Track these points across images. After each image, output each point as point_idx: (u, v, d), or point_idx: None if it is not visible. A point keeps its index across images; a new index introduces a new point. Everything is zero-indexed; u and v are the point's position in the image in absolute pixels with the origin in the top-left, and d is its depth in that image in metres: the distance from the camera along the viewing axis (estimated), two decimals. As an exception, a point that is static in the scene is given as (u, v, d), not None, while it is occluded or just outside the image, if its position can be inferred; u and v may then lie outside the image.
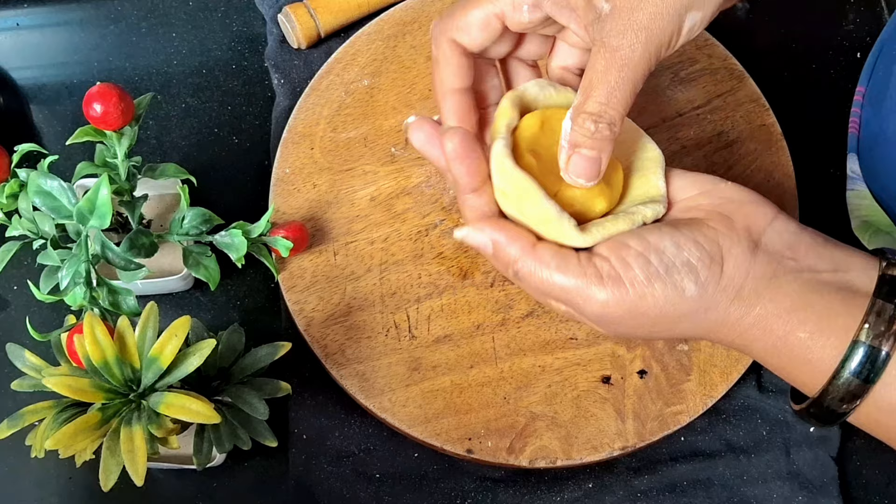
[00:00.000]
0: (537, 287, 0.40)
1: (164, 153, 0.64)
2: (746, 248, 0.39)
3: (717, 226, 0.40)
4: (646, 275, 0.38)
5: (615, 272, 0.38)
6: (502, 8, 0.41)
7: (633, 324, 0.40)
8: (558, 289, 0.39)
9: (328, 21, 0.64)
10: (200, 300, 0.61)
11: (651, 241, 0.39)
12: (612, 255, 0.39)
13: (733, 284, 0.39)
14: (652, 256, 0.39)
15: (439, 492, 0.56)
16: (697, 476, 0.56)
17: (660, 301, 0.38)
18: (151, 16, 0.68)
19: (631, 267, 0.38)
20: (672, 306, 0.39)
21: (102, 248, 0.48)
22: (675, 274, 0.38)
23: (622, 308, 0.39)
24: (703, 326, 0.40)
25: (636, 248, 0.39)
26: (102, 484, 0.44)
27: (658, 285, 0.38)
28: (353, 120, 0.61)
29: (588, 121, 0.40)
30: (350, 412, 0.57)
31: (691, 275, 0.38)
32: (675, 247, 0.39)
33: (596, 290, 0.38)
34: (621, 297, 0.38)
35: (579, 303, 0.39)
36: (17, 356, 0.49)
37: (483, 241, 0.40)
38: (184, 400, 0.45)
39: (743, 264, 0.39)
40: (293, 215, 0.59)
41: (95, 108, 0.48)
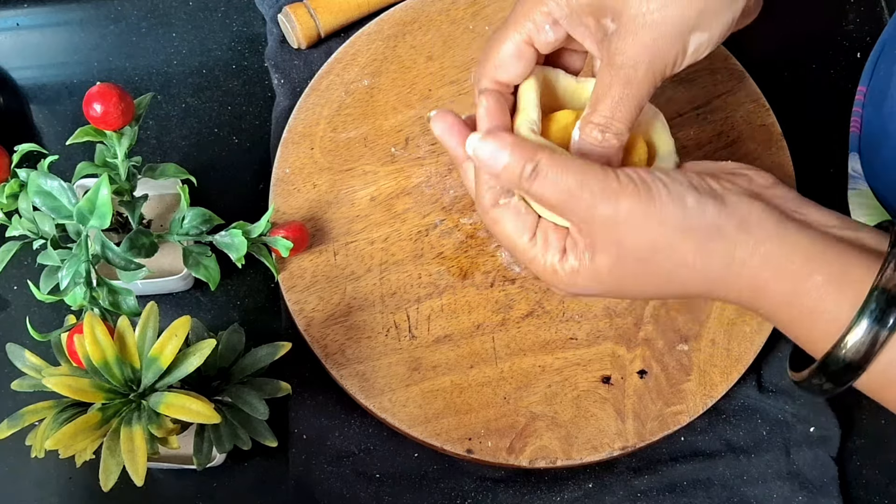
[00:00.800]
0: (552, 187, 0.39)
1: (164, 153, 0.64)
2: (743, 193, 0.39)
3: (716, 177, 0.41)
4: (653, 179, 0.39)
5: (628, 176, 0.39)
6: (528, 32, 0.43)
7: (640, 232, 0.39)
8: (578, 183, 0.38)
9: (328, 21, 0.64)
10: (200, 300, 0.61)
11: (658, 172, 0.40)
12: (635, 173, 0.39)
13: (737, 213, 0.38)
14: (658, 172, 0.39)
15: (439, 492, 0.56)
16: (697, 476, 0.56)
17: (664, 204, 0.38)
18: (151, 16, 0.68)
19: (641, 174, 0.39)
20: (675, 214, 0.38)
21: (102, 248, 0.48)
22: (679, 186, 0.39)
23: (631, 206, 0.38)
24: (712, 266, 0.39)
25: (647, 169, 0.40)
26: (102, 484, 0.44)
27: (664, 191, 0.38)
28: (353, 120, 0.61)
29: (595, 130, 0.41)
30: (350, 412, 0.57)
31: (692, 191, 0.39)
32: (682, 174, 0.40)
33: (612, 183, 0.38)
34: (632, 193, 0.38)
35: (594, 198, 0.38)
36: (17, 356, 0.49)
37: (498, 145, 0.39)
38: (184, 400, 0.45)
39: (743, 202, 0.39)
40: (293, 215, 0.59)
41: (95, 108, 0.48)
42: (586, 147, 0.42)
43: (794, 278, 0.38)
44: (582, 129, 0.42)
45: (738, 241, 0.38)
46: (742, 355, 0.55)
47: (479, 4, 0.64)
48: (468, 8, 0.64)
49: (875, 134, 0.56)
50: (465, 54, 0.63)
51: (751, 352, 0.56)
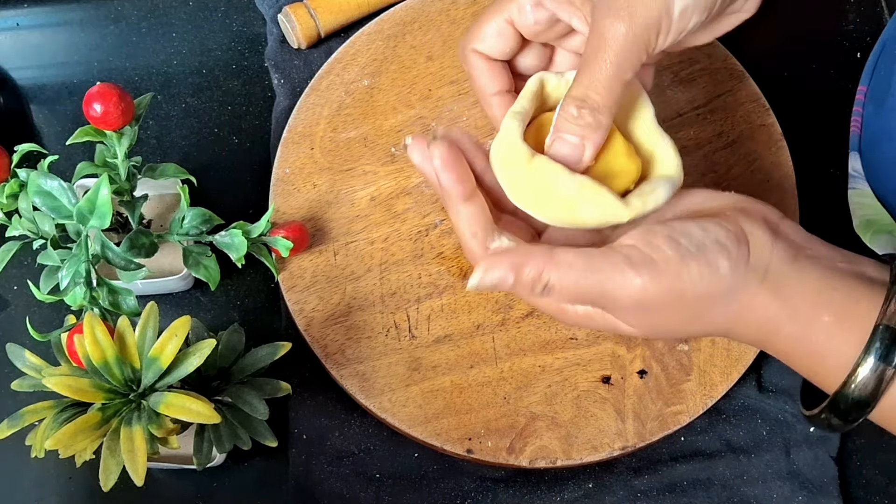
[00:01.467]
0: (570, 290, 0.38)
1: (164, 153, 0.64)
2: (767, 230, 0.39)
3: (736, 215, 0.40)
4: (679, 254, 0.37)
5: (646, 256, 0.37)
6: (510, 13, 0.43)
7: (671, 311, 0.38)
8: (594, 286, 0.37)
9: (328, 21, 0.64)
10: (200, 300, 0.61)
11: (675, 226, 0.38)
12: (639, 241, 0.38)
13: (761, 263, 0.38)
14: (681, 238, 0.38)
15: (439, 492, 0.56)
16: (697, 476, 0.56)
17: (696, 279, 0.37)
18: (151, 16, 0.68)
19: (662, 248, 0.37)
20: (708, 285, 0.38)
21: (102, 248, 0.48)
22: (708, 253, 0.38)
23: (660, 291, 0.37)
24: (733, 312, 0.39)
25: (662, 232, 0.38)
26: (102, 484, 0.44)
27: (693, 264, 0.37)
28: (353, 120, 0.61)
29: (571, 106, 0.39)
30: (350, 412, 0.57)
31: (723, 252, 0.38)
32: (701, 229, 0.38)
33: (631, 275, 0.37)
34: (658, 278, 0.37)
35: (616, 295, 0.38)
36: (17, 356, 0.49)
37: (500, 274, 0.38)
38: (184, 400, 0.45)
39: (766, 244, 0.39)
40: (293, 215, 0.59)
41: (95, 108, 0.48)
42: (561, 124, 0.40)
43: (805, 319, 0.38)
44: (560, 108, 0.40)
45: (759, 291, 0.39)
46: (742, 355, 0.55)
47: (480, 4, 0.64)
48: (468, 8, 0.64)
49: (876, 133, 0.56)
50: (465, 54, 0.63)
51: (751, 352, 0.56)
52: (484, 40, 0.45)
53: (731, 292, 0.38)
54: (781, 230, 0.40)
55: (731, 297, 0.38)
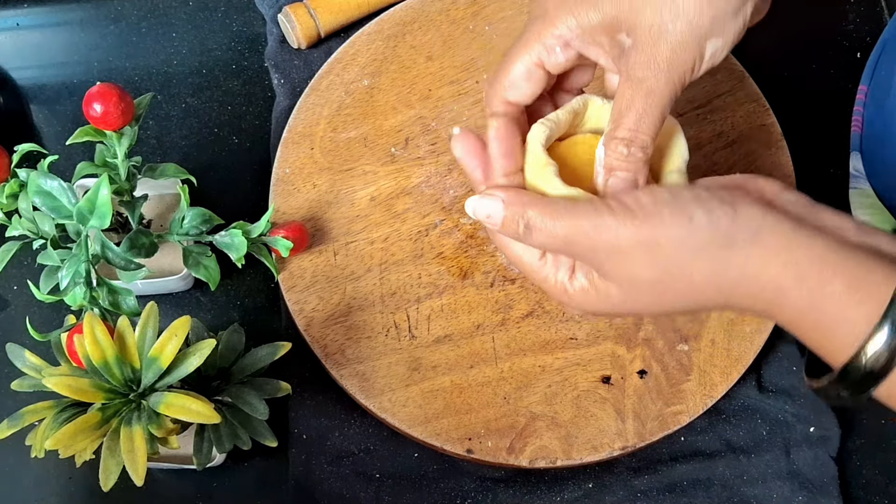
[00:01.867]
0: (549, 233, 0.39)
1: (164, 153, 0.64)
2: (757, 202, 0.39)
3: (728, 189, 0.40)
4: (653, 201, 0.38)
5: (624, 204, 0.39)
6: (539, 55, 0.43)
7: (649, 260, 0.38)
8: (570, 227, 0.39)
9: (328, 21, 0.64)
10: (200, 300, 0.61)
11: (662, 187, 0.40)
12: (625, 196, 0.39)
13: (749, 225, 0.38)
14: (661, 192, 0.39)
15: (439, 492, 0.56)
16: (697, 476, 0.56)
17: (668, 224, 0.38)
18: (151, 16, 0.68)
19: (640, 199, 0.39)
20: (682, 233, 0.38)
21: (102, 248, 0.48)
22: (685, 203, 0.38)
23: (632, 233, 0.38)
24: (727, 276, 0.38)
25: (647, 188, 0.40)
26: (102, 484, 0.44)
27: (665, 210, 0.38)
28: (353, 120, 0.61)
29: (621, 146, 0.41)
30: (350, 412, 0.57)
31: (699, 204, 0.38)
32: (685, 188, 0.39)
33: (606, 218, 0.38)
34: (630, 221, 0.38)
35: (591, 236, 0.38)
36: (17, 356, 0.49)
37: (493, 204, 0.40)
38: (184, 400, 0.45)
39: (757, 212, 0.38)
40: (293, 215, 0.59)
41: (95, 108, 0.48)
42: (613, 164, 0.41)
43: (812, 286, 0.37)
44: (607, 145, 0.42)
45: (751, 253, 0.38)
46: (742, 355, 0.55)
47: (479, 4, 0.64)
48: (468, 8, 0.64)
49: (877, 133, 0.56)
50: (465, 54, 0.63)
51: (751, 352, 0.56)
52: (515, 87, 0.43)
53: (713, 245, 0.38)
54: (778, 203, 0.40)
55: (718, 253, 0.38)
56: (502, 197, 0.40)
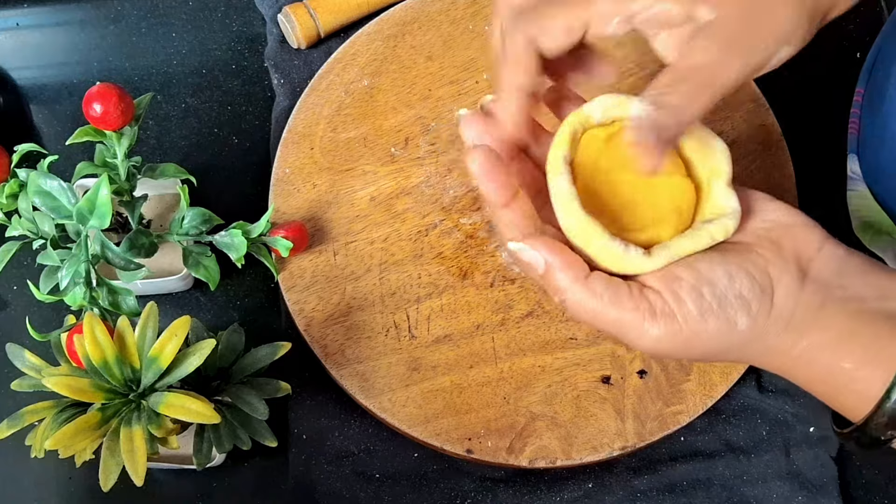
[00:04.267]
0: (586, 317, 0.39)
1: (164, 153, 0.64)
2: (795, 276, 0.39)
3: (766, 253, 0.39)
4: (699, 310, 0.38)
5: (668, 308, 0.38)
6: (590, 17, 0.39)
7: (683, 355, 0.39)
8: (610, 322, 0.38)
9: (328, 21, 0.64)
10: (200, 300, 0.61)
11: (702, 271, 0.38)
12: (665, 288, 0.38)
13: (783, 315, 0.39)
14: (705, 289, 0.38)
15: (439, 492, 0.56)
16: (697, 476, 0.56)
17: (713, 336, 0.38)
18: (151, 16, 0.68)
19: (684, 302, 0.38)
20: (724, 339, 0.38)
21: (102, 248, 0.48)
22: (729, 308, 0.38)
23: (675, 343, 0.38)
24: (750, 355, 0.40)
25: (688, 280, 0.38)
26: (102, 484, 0.44)
27: (711, 321, 0.38)
28: (353, 120, 0.61)
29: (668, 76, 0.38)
30: (350, 412, 0.57)
31: (744, 308, 0.38)
32: (727, 278, 0.38)
33: (649, 325, 0.38)
34: (674, 333, 0.38)
35: (632, 337, 0.38)
36: (17, 356, 0.49)
37: (536, 259, 0.38)
38: (184, 400, 0.45)
39: (792, 293, 0.39)
40: (293, 215, 0.59)
41: (95, 108, 0.48)
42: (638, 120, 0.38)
43: (828, 362, 0.39)
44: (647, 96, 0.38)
45: (779, 339, 0.39)
46: (742, 355, 0.56)
47: (479, 4, 0.64)
48: (468, 8, 0.64)
49: (873, 136, 0.56)
50: (465, 54, 0.63)
51: (751, 352, 0.56)
52: (550, 33, 0.40)
53: (748, 343, 0.39)
54: (812, 270, 0.39)
55: (749, 345, 0.39)
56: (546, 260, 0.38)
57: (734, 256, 0.39)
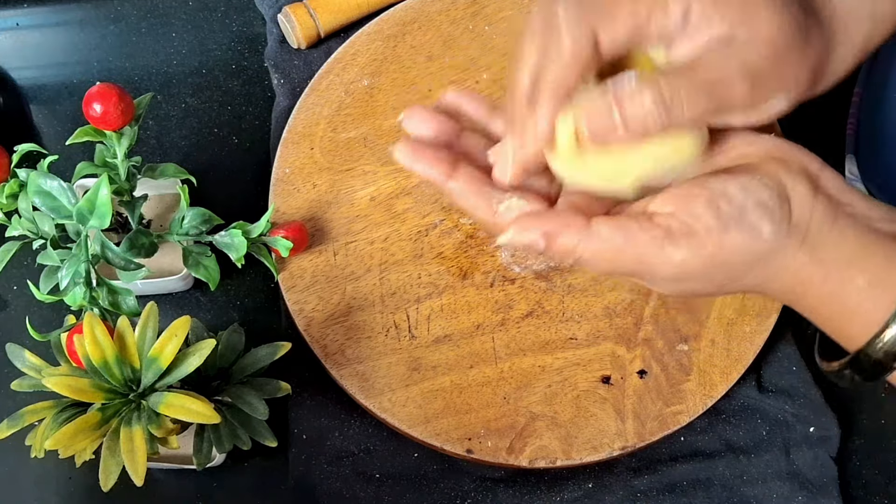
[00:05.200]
0: (606, 265, 0.38)
1: (164, 153, 0.64)
2: (808, 186, 0.38)
3: (775, 167, 0.38)
4: (721, 222, 0.36)
5: (687, 226, 0.37)
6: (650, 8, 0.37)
7: (705, 278, 0.38)
8: (630, 259, 0.37)
9: (328, 21, 0.64)
10: (200, 300, 0.61)
11: (716, 187, 0.37)
12: (679, 208, 0.37)
13: (802, 223, 0.37)
14: (721, 202, 0.37)
15: (439, 492, 0.56)
16: (697, 476, 0.56)
17: (738, 246, 0.37)
18: (151, 16, 0.68)
19: (702, 216, 0.37)
20: (749, 251, 0.37)
21: (102, 248, 0.48)
22: (751, 215, 0.37)
23: (700, 261, 0.37)
24: (770, 273, 0.38)
25: (703, 195, 0.37)
26: (102, 484, 0.44)
27: (734, 231, 0.36)
28: (353, 120, 0.61)
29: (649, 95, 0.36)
30: (350, 412, 0.57)
31: (766, 215, 0.37)
32: (741, 189, 0.37)
33: (671, 248, 0.36)
34: (698, 249, 0.36)
35: (656, 267, 0.37)
36: (17, 356, 0.49)
37: (532, 237, 0.37)
38: (184, 400, 0.45)
39: (807, 203, 0.38)
40: (293, 215, 0.59)
41: (95, 108, 0.48)
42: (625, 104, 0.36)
43: (837, 281, 0.38)
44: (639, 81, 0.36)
45: (798, 253, 0.38)
46: (742, 355, 0.55)
47: (479, 4, 0.64)
48: (468, 8, 0.64)
49: (871, 137, 0.56)
50: (465, 54, 0.63)
51: (751, 352, 0.56)
52: (614, 20, 0.36)
53: (772, 254, 0.38)
54: (822, 183, 0.39)
55: (772, 258, 0.38)
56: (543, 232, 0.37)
57: (745, 172, 0.38)
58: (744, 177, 0.38)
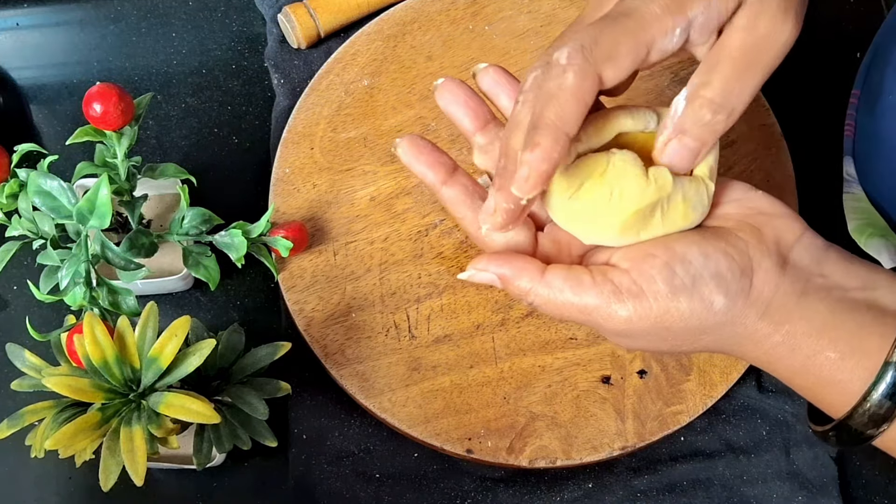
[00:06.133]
0: (555, 312, 0.38)
1: (164, 153, 0.64)
2: (776, 262, 0.38)
3: (747, 237, 0.38)
4: (670, 288, 0.37)
5: (636, 286, 0.37)
6: (653, 34, 0.36)
7: (656, 338, 0.38)
8: (577, 311, 0.38)
9: (328, 21, 0.64)
10: (200, 300, 0.61)
11: (677, 250, 0.37)
12: (634, 267, 0.37)
13: (762, 299, 0.37)
14: (678, 267, 0.37)
15: (439, 492, 0.56)
16: (697, 476, 0.56)
17: (685, 315, 0.37)
18: (151, 16, 0.68)
19: (654, 280, 0.37)
20: (698, 320, 0.37)
21: (102, 248, 0.48)
22: (703, 287, 0.37)
23: (646, 323, 0.37)
24: (728, 341, 0.39)
25: (661, 257, 0.37)
26: (102, 484, 0.44)
27: (684, 299, 0.37)
28: (353, 120, 0.61)
29: (706, 108, 0.37)
30: (350, 412, 0.57)
31: (720, 287, 0.37)
32: (702, 257, 0.37)
33: (616, 307, 0.37)
34: (644, 312, 0.37)
35: (601, 322, 0.38)
36: (17, 356, 0.49)
37: (489, 277, 0.39)
38: (184, 400, 0.45)
39: (773, 278, 0.37)
40: (293, 215, 0.59)
41: (95, 108, 0.48)
42: (687, 125, 0.37)
43: (807, 354, 0.38)
44: (691, 103, 0.37)
45: (758, 325, 0.38)
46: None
47: (479, 4, 0.64)
48: (468, 8, 0.64)
49: (868, 138, 0.56)
50: (464, 54, 0.63)
51: (751, 352, 0.56)
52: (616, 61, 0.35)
53: (724, 325, 0.38)
54: (793, 257, 0.38)
55: (726, 328, 0.38)
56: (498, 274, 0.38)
57: (713, 238, 0.38)
58: (710, 244, 0.38)
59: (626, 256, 0.38)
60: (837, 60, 0.67)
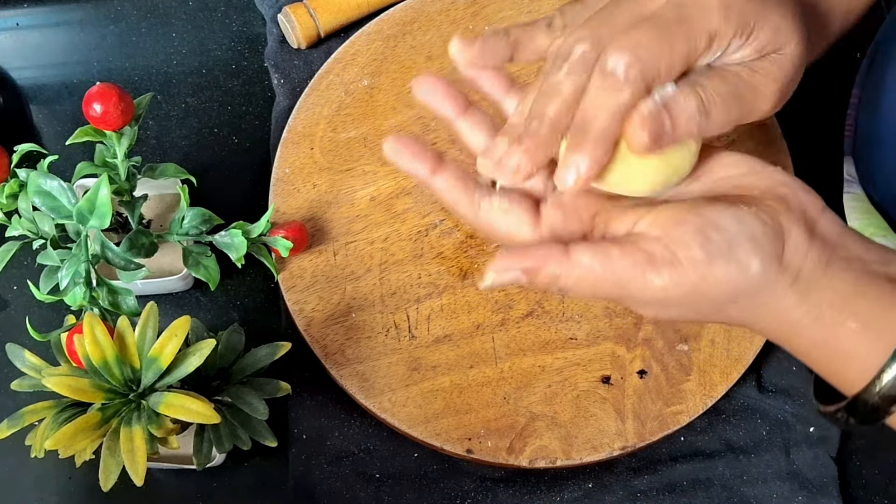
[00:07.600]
0: (589, 291, 0.37)
1: (164, 153, 0.64)
2: (804, 230, 0.38)
3: (775, 204, 0.38)
4: (706, 255, 0.36)
5: (669, 253, 0.36)
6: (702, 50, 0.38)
7: (688, 307, 0.38)
8: (611, 285, 0.37)
9: (328, 21, 0.64)
10: (200, 300, 0.61)
11: (709, 216, 0.37)
12: (665, 234, 0.36)
13: (793, 267, 0.37)
14: (712, 233, 0.36)
15: (439, 492, 0.56)
16: (697, 476, 0.56)
17: (721, 280, 0.36)
18: (151, 16, 0.68)
19: (689, 245, 0.36)
20: (733, 285, 0.36)
21: (102, 248, 0.48)
22: (740, 250, 0.36)
23: (681, 290, 0.36)
24: (754, 312, 0.38)
25: (694, 223, 0.36)
26: (102, 484, 0.44)
27: (720, 264, 0.36)
28: (353, 120, 0.61)
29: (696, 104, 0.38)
30: (350, 412, 0.57)
31: (756, 250, 0.36)
32: (736, 221, 0.36)
33: (651, 276, 0.36)
34: (680, 278, 0.36)
35: (636, 293, 0.37)
36: (17, 356, 0.49)
37: (514, 276, 0.37)
38: (184, 400, 0.45)
39: (802, 245, 0.37)
40: (293, 215, 0.59)
41: (95, 108, 0.48)
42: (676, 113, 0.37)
43: (828, 325, 0.37)
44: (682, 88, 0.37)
45: (787, 294, 0.37)
46: (742, 355, 0.55)
47: (479, 4, 0.64)
48: (468, 8, 0.64)
49: (868, 138, 0.56)
50: (464, 54, 0.62)
51: (750, 352, 0.56)
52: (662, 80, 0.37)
53: (759, 290, 0.37)
54: (819, 228, 0.38)
55: (758, 294, 0.37)
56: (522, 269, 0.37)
57: (744, 204, 0.38)
58: (740, 208, 0.37)
59: (655, 224, 0.37)
60: (837, 60, 0.67)
